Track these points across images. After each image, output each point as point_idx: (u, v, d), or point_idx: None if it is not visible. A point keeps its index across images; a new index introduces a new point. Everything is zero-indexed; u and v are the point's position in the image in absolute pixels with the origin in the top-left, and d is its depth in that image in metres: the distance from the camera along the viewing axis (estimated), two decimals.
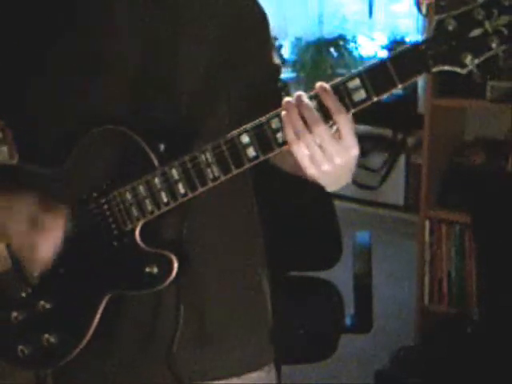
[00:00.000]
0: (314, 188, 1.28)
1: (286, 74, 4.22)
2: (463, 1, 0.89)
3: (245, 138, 0.97)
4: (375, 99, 0.93)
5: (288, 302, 1.31)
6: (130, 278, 1.07)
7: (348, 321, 2.05)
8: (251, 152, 0.97)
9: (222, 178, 0.99)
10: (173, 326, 1.10)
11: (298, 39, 4.78)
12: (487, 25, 0.88)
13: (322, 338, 2.03)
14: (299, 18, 4.85)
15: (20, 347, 1.10)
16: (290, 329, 1.41)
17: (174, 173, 1.00)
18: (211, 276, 1.14)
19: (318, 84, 0.94)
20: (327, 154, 0.93)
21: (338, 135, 0.94)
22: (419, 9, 3.62)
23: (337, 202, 2.09)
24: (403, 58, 0.91)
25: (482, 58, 0.90)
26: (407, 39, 4.61)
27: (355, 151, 0.95)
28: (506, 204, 2.34)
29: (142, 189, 1.02)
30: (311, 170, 0.96)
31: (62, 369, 1.12)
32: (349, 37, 4.72)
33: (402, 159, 4.44)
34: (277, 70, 1.24)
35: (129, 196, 1.02)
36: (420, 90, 4.16)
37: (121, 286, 1.07)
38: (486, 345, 2.31)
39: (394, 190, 4.57)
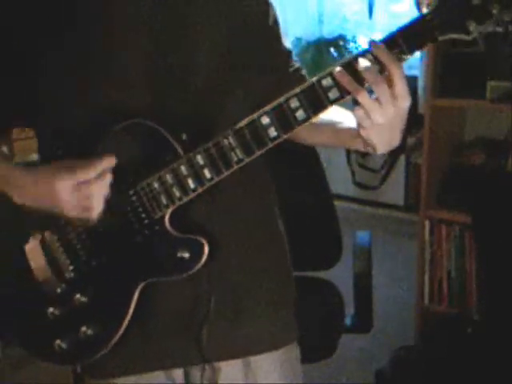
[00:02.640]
0: (315, 188, 1.29)
1: None
2: None
3: (265, 120, 1.01)
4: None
5: None
6: (163, 265, 1.10)
7: (348, 321, 2.06)
8: (272, 132, 1.01)
9: (246, 160, 1.03)
10: (204, 309, 1.14)
11: (298, 39, 4.76)
12: None
13: (322, 338, 2.03)
14: (299, 18, 4.84)
15: (57, 342, 1.13)
16: None
17: (199, 159, 1.04)
18: (239, 257, 1.18)
19: (372, 41, 0.98)
20: (383, 107, 0.97)
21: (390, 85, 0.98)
22: (419, 9, 3.62)
23: (337, 202, 2.09)
24: (411, 30, 0.96)
25: (484, 25, 0.94)
26: None
27: (407, 101, 0.99)
28: (505, 204, 2.34)
29: (168, 177, 1.06)
30: (366, 128, 1.00)
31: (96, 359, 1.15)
32: (349, 37, 4.71)
33: (402, 159, 4.44)
34: (288, 54, 1.27)
35: (156, 185, 1.06)
36: (420, 90, 4.16)
37: (154, 272, 1.10)
38: (485, 345, 2.30)
39: (394, 189, 4.56)
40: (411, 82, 4.37)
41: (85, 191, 1.03)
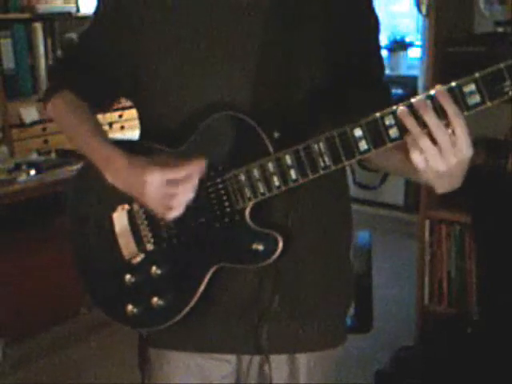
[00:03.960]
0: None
1: None
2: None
3: (358, 132, 1.01)
4: (489, 104, 0.96)
5: None
6: (237, 253, 1.15)
7: (348, 321, 2.05)
8: (363, 145, 1.02)
9: (333, 168, 1.05)
10: (266, 303, 1.20)
11: None
12: None
13: None
14: None
15: (129, 306, 1.21)
16: None
17: (288, 159, 1.07)
18: (308, 257, 1.22)
19: (437, 88, 0.95)
20: (444, 155, 0.96)
21: (452, 135, 0.96)
22: (419, 9, 3.62)
23: None
24: None
25: None
26: (407, 39, 4.62)
27: (470, 151, 0.98)
28: (505, 204, 2.34)
29: (256, 172, 1.09)
30: (426, 173, 0.98)
31: (159, 330, 1.21)
32: None
33: None
34: (381, 72, 1.29)
35: (243, 178, 1.10)
36: (420, 90, 4.17)
37: (228, 259, 1.16)
38: (485, 345, 2.31)
39: (394, 190, 4.57)
40: (411, 82, 4.37)
41: (170, 190, 1.06)
